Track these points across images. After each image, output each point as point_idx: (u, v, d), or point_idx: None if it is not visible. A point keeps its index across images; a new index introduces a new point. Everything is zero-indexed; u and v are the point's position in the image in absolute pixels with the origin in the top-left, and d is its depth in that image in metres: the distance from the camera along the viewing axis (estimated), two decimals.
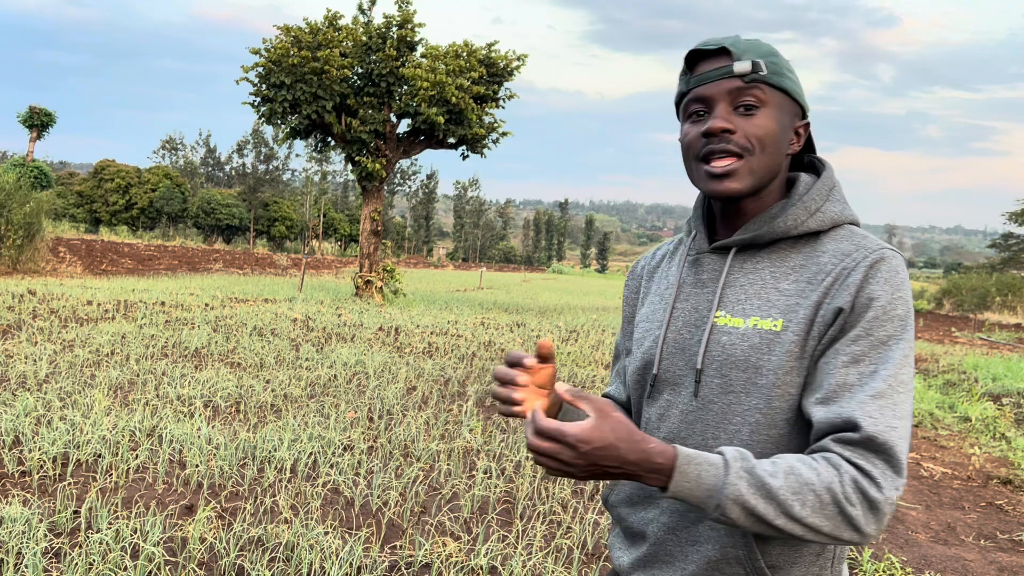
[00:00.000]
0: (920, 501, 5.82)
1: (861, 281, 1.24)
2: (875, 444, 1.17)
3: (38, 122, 34.00)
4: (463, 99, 18.10)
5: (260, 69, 18.21)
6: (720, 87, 1.31)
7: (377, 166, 18.76)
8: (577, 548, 4.13)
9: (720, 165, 1.31)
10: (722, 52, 1.33)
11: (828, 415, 1.20)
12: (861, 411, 1.18)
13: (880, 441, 1.17)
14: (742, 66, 1.29)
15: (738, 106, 1.31)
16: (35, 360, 7.75)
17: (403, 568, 3.76)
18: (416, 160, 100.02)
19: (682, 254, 1.49)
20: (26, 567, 3.37)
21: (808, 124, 1.40)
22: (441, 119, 18.02)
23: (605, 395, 1.62)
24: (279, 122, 18.80)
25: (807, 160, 1.48)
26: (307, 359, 9.09)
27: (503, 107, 19.60)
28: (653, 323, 1.45)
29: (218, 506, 4.32)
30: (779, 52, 1.36)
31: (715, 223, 1.44)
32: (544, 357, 1.33)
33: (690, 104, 1.35)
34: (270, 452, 5.25)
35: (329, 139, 19.65)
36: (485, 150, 19.66)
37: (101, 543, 3.64)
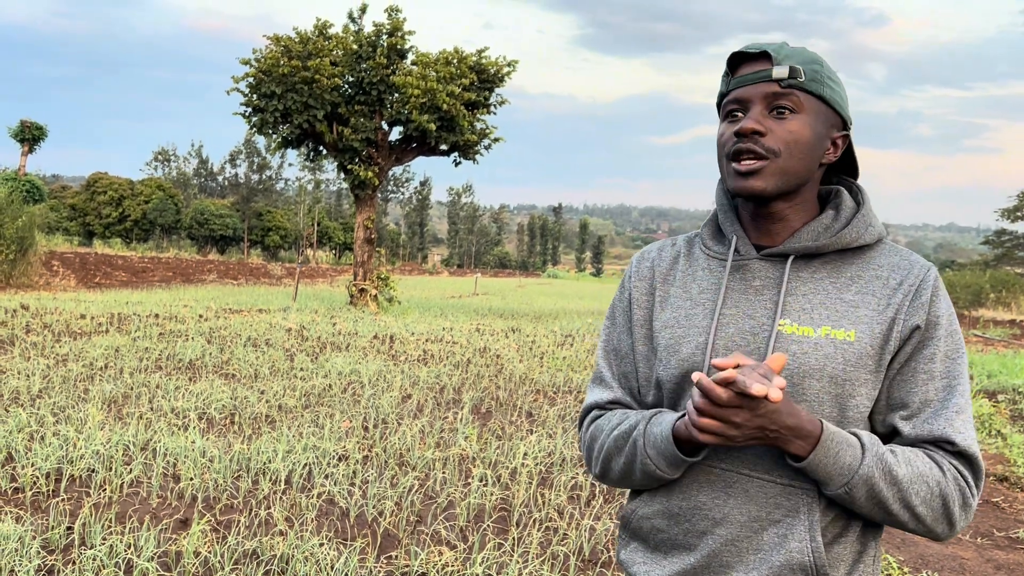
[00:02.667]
0: None
1: (930, 300, 1.34)
2: (966, 456, 1.30)
3: (29, 136, 33.94)
4: (454, 106, 18.10)
5: (250, 79, 18.20)
6: (757, 90, 1.34)
7: (370, 174, 18.76)
8: (573, 555, 4.11)
9: (746, 165, 1.33)
10: (763, 56, 1.35)
11: (917, 430, 1.31)
12: (951, 428, 1.30)
13: (970, 454, 1.30)
14: (780, 71, 1.32)
15: (773, 109, 1.33)
16: (28, 375, 7.73)
17: None
18: (409, 167, 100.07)
19: (706, 257, 1.46)
20: None
21: (847, 136, 1.41)
22: (432, 126, 18.02)
23: (592, 406, 1.53)
24: (271, 132, 18.79)
25: (832, 178, 1.49)
26: (302, 369, 9.07)
27: (495, 113, 19.63)
28: (692, 329, 1.40)
29: (213, 519, 4.30)
30: (824, 62, 1.38)
31: (744, 228, 1.45)
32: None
33: (728, 104, 1.37)
34: (265, 463, 5.23)
35: (321, 148, 19.64)
36: (477, 156, 19.67)
37: (94, 559, 3.62)
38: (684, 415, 1.29)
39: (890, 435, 1.34)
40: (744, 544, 1.33)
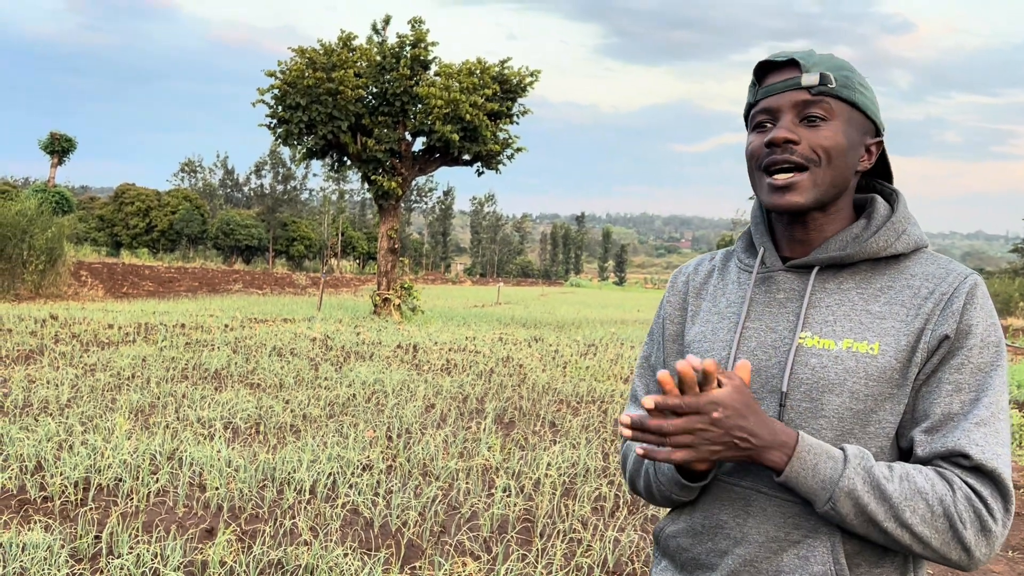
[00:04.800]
0: None
1: (962, 308, 1.24)
2: (984, 471, 1.18)
3: (59, 148, 34.46)
4: (477, 116, 18.17)
5: (276, 91, 18.38)
6: (787, 98, 1.29)
7: (393, 184, 18.85)
8: (598, 567, 4.10)
9: (782, 178, 1.29)
10: (791, 64, 1.31)
11: (934, 444, 1.21)
12: (967, 439, 1.19)
13: (989, 468, 1.18)
14: (810, 78, 1.28)
15: (804, 118, 1.28)
16: (57, 385, 7.82)
17: None
18: (432, 177, 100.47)
19: (738, 271, 1.44)
20: None
21: (880, 142, 1.36)
22: (456, 137, 18.09)
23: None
24: (295, 143, 18.95)
25: (870, 184, 1.44)
26: (326, 378, 9.12)
27: (517, 123, 19.68)
28: (716, 343, 1.38)
29: (238, 529, 4.33)
30: (854, 68, 1.33)
31: (776, 240, 1.41)
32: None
33: (757, 115, 1.33)
34: (289, 473, 5.26)
35: (345, 159, 19.77)
36: (500, 166, 19.72)
37: (122, 569, 3.65)
38: None
39: (910, 451, 1.26)
40: (763, 565, 1.29)
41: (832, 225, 1.34)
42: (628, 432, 1.19)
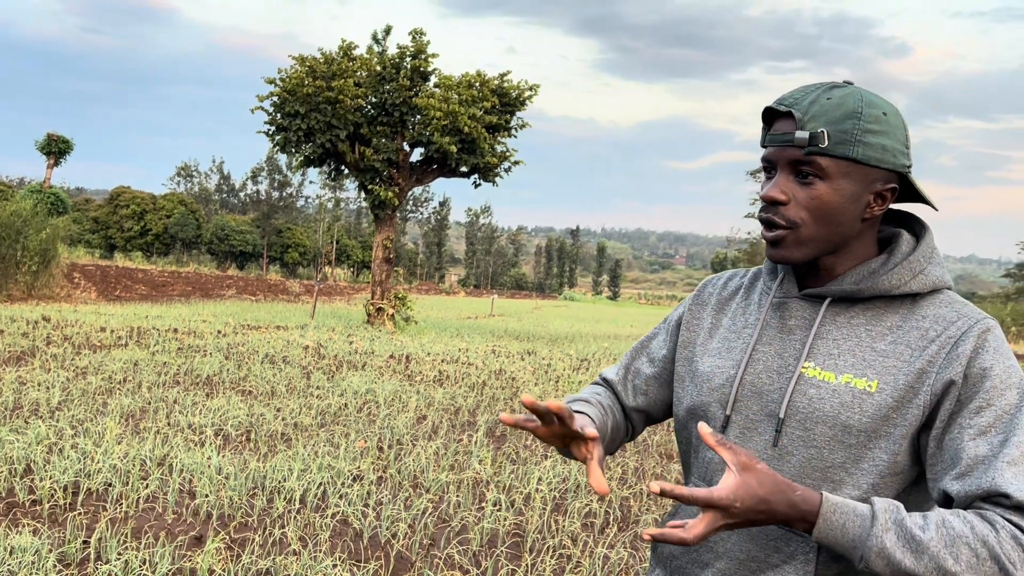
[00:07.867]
0: None
1: (972, 352, 1.22)
2: None
3: (55, 149, 34.38)
4: (476, 128, 18.22)
5: (275, 98, 18.40)
6: (783, 154, 1.29)
7: (390, 194, 18.87)
8: None
9: (770, 235, 1.31)
10: (790, 115, 1.29)
11: (968, 487, 1.17)
12: (1002, 479, 1.14)
13: None
14: (801, 136, 1.25)
15: (798, 174, 1.28)
16: (48, 387, 7.79)
17: None
18: (428, 188, 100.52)
19: (760, 292, 1.45)
20: None
21: (895, 188, 1.31)
22: (454, 148, 18.14)
23: (603, 377, 1.61)
24: (293, 151, 18.96)
25: (903, 216, 1.43)
26: (318, 387, 9.10)
27: (515, 136, 19.74)
28: (727, 361, 1.40)
29: (227, 537, 4.32)
30: (865, 112, 1.26)
31: (800, 268, 1.41)
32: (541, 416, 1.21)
33: (762, 161, 1.34)
34: (280, 482, 5.25)
35: (343, 167, 19.79)
36: (497, 178, 19.77)
37: (110, 575, 3.64)
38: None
39: (946, 503, 1.23)
40: None
41: (845, 264, 1.34)
42: (649, 539, 1.18)
